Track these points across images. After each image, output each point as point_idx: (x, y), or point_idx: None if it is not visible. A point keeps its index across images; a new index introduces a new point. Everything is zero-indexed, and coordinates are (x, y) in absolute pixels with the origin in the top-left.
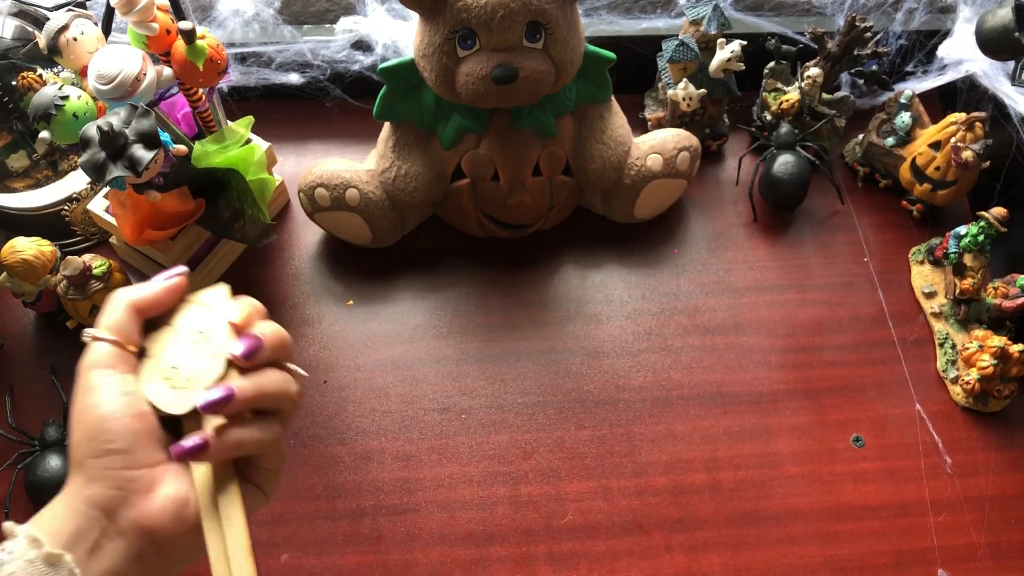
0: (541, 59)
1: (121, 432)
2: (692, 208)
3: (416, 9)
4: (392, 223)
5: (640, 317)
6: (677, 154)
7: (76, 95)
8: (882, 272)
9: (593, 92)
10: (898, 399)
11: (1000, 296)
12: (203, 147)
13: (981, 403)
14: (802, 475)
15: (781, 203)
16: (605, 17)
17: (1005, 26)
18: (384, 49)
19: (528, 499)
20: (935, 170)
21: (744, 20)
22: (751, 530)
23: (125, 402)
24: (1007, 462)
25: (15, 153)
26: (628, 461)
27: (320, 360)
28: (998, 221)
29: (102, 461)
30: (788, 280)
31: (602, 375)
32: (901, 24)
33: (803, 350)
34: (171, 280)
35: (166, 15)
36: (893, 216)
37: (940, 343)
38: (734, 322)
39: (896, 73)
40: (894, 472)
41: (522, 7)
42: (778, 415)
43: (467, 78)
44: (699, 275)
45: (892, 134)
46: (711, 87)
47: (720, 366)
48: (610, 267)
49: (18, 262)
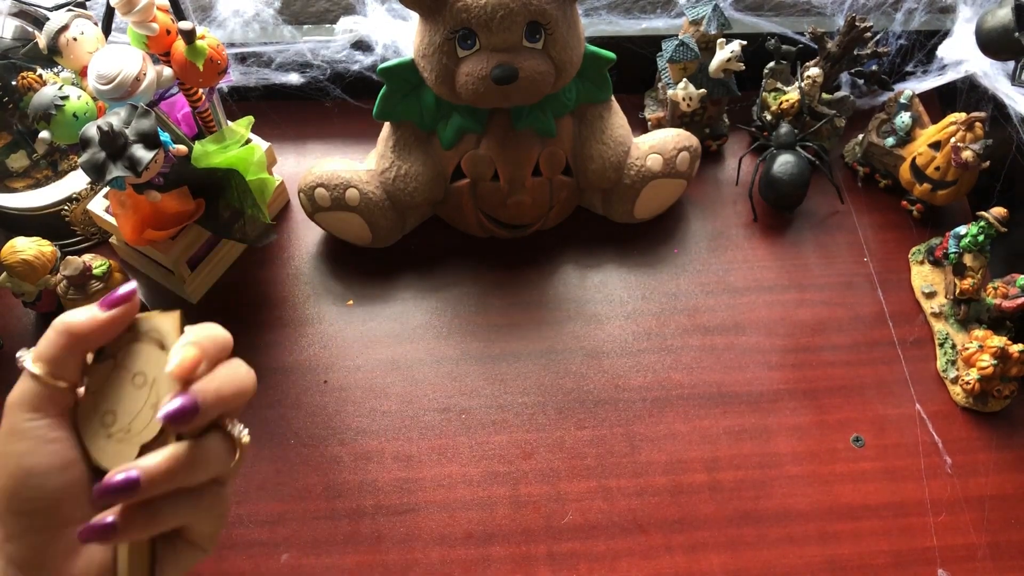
0: (541, 59)
1: (45, 488)
2: (692, 208)
3: (416, 9)
4: (392, 223)
5: (640, 317)
6: (677, 154)
7: (76, 95)
8: (882, 272)
9: (593, 92)
10: (898, 399)
11: (1000, 296)
12: (203, 147)
13: (981, 403)
14: (802, 475)
15: (781, 203)
16: (605, 17)
17: (1005, 26)
18: (384, 49)
19: (528, 499)
20: (935, 170)
21: (744, 20)
22: (751, 530)
23: (50, 451)
24: (1007, 462)
25: (15, 153)
26: (628, 461)
27: (320, 360)
28: (998, 221)
29: (22, 520)
30: (788, 280)
31: (602, 375)
32: (901, 24)
33: (803, 350)
34: (115, 310)
35: (166, 15)
36: (893, 216)
37: (940, 343)
38: (734, 322)
39: (896, 73)
40: (894, 472)
41: (522, 7)
42: (778, 415)
43: (467, 78)
44: (699, 275)
45: (892, 134)
46: (711, 87)
47: (720, 366)
48: (610, 267)
49: (18, 262)
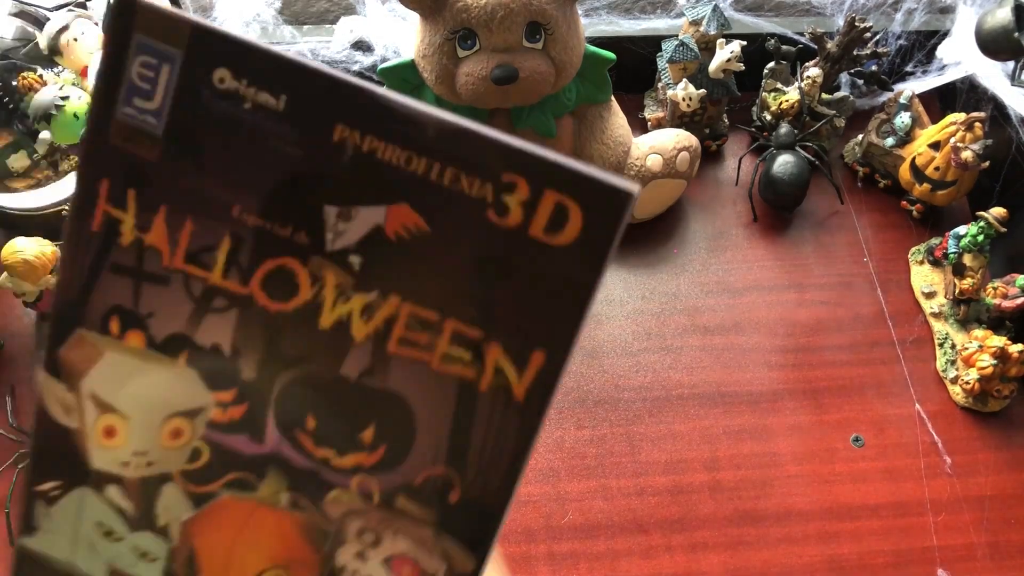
0: (541, 59)
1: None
2: (692, 208)
3: (416, 9)
4: None
5: (640, 317)
6: (677, 154)
7: (77, 96)
8: (882, 272)
9: (593, 92)
10: (898, 399)
11: (999, 296)
12: None
13: (981, 403)
14: (801, 475)
15: (781, 203)
16: (605, 17)
17: (1004, 26)
18: (384, 50)
19: (528, 499)
20: (935, 170)
21: (744, 20)
22: (751, 530)
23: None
24: (1007, 462)
25: (16, 153)
26: (628, 461)
27: None
28: (998, 221)
29: None
30: (788, 280)
31: (602, 375)
32: (901, 24)
33: (803, 350)
34: None
35: None
36: (893, 216)
37: (940, 343)
38: (734, 322)
39: (895, 73)
40: (893, 472)
41: (522, 7)
42: (778, 415)
43: (467, 78)
44: (699, 275)
45: (892, 134)
46: (711, 87)
47: (720, 366)
48: (610, 267)
49: (19, 262)
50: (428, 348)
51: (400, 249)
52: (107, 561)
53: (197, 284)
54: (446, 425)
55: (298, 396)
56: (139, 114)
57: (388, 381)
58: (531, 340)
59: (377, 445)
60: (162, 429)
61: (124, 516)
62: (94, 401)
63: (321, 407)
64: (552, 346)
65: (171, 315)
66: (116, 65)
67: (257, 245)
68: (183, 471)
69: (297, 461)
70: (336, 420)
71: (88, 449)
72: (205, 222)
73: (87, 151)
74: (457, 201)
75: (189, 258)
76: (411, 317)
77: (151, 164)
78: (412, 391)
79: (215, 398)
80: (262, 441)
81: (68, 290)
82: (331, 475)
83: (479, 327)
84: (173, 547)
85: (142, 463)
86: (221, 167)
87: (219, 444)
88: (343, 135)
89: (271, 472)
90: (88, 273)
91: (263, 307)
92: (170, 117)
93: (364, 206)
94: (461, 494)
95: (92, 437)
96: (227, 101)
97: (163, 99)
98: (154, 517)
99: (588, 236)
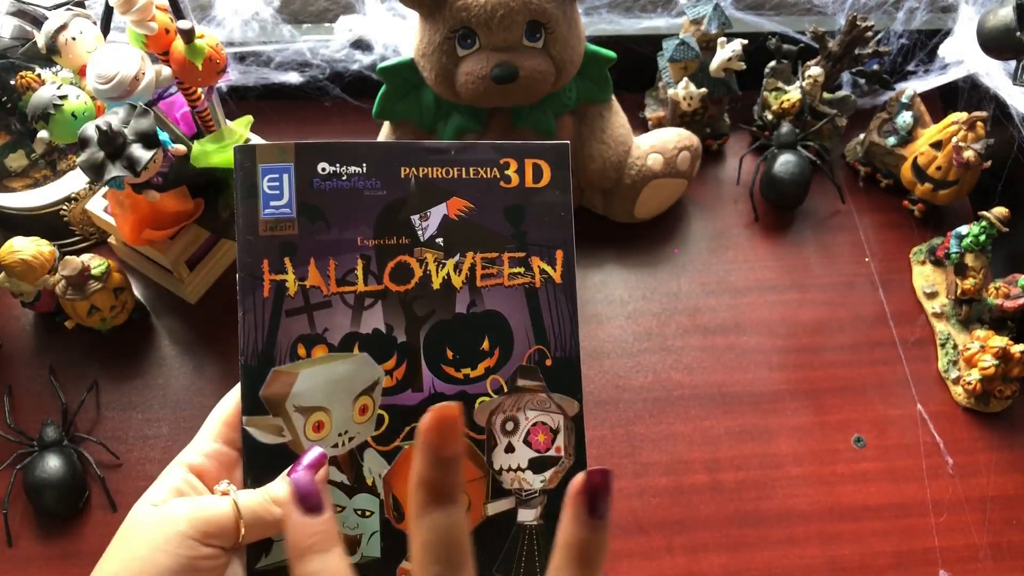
0: (541, 58)
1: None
2: (693, 208)
3: (416, 8)
4: None
5: (640, 317)
6: (678, 154)
7: (75, 95)
8: (883, 272)
9: (593, 91)
10: (899, 399)
11: (1001, 296)
12: (202, 147)
13: (982, 403)
14: (803, 475)
15: (782, 203)
16: (605, 16)
17: (1006, 25)
18: (383, 48)
19: None
20: (936, 170)
21: (745, 19)
22: (752, 531)
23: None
24: (1008, 462)
25: (14, 153)
26: (628, 461)
27: None
28: (999, 221)
29: None
30: (789, 280)
31: (602, 375)
32: (902, 23)
33: (804, 350)
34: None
35: (165, 14)
36: (894, 216)
37: (941, 343)
38: (735, 322)
39: (897, 72)
40: (895, 472)
41: (522, 6)
42: (779, 415)
43: (467, 77)
44: (700, 275)
45: (893, 134)
46: (712, 86)
47: (721, 366)
48: (610, 267)
49: (16, 262)
50: (498, 275)
51: (462, 224)
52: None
53: (350, 296)
54: (527, 316)
55: (436, 338)
56: (276, 211)
57: (485, 305)
58: (552, 245)
59: (493, 349)
60: (354, 408)
61: (342, 487)
62: (299, 411)
63: (453, 339)
64: (564, 244)
65: (340, 324)
66: (252, 187)
67: (379, 256)
68: (374, 436)
69: (449, 391)
70: (464, 344)
71: (302, 449)
72: (342, 256)
73: (245, 245)
74: (481, 184)
75: (339, 283)
76: (483, 260)
77: (295, 236)
78: (500, 304)
79: (384, 368)
80: (421, 389)
81: (253, 345)
82: (473, 387)
83: (522, 249)
84: (382, 499)
85: (346, 440)
86: (341, 219)
87: (394, 406)
88: (408, 172)
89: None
90: (268, 326)
91: (395, 292)
92: (298, 203)
93: (433, 207)
94: (552, 358)
95: (301, 440)
96: (331, 180)
97: (290, 195)
98: (364, 479)
99: (556, 175)
